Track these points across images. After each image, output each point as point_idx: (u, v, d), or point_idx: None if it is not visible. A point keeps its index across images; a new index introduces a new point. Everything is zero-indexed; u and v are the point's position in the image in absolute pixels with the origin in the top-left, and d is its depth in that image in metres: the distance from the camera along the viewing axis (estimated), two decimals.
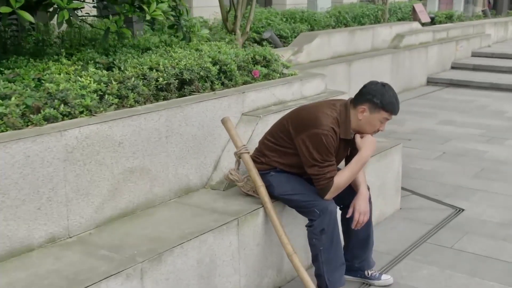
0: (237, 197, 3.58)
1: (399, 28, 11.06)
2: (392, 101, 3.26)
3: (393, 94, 3.28)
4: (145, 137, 3.31)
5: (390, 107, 3.26)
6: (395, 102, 3.27)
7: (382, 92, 3.26)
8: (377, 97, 3.25)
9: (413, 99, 9.79)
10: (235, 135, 3.52)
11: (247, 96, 4.01)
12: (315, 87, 4.66)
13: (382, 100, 3.24)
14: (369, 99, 3.28)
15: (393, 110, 3.27)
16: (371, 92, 3.28)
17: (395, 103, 3.27)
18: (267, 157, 3.48)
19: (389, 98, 3.25)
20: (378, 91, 3.27)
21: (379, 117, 3.28)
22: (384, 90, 3.27)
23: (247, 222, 3.33)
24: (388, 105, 3.25)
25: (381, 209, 4.66)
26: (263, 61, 4.64)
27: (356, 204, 3.41)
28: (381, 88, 3.28)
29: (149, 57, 3.96)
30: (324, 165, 3.25)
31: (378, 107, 3.25)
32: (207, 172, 3.76)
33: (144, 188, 3.36)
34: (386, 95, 3.25)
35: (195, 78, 3.89)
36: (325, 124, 3.24)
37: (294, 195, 3.41)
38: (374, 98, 3.26)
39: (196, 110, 3.61)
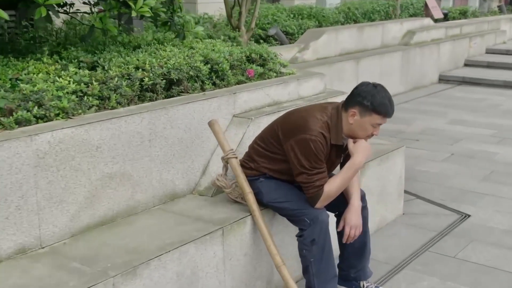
0: (225, 204, 3.39)
1: (410, 24, 10.79)
2: (384, 102, 3.04)
3: (386, 95, 3.07)
4: (125, 141, 3.13)
5: (381, 110, 3.04)
6: (387, 104, 3.05)
7: (373, 93, 3.05)
8: (367, 99, 3.04)
9: (423, 98, 9.54)
10: (222, 139, 3.33)
11: (239, 96, 3.82)
12: (313, 87, 4.46)
13: (373, 102, 3.03)
14: (359, 101, 3.07)
15: (386, 112, 3.06)
16: (361, 94, 3.07)
17: (388, 105, 3.06)
18: (256, 162, 3.29)
19: (380, 99, 3.04)
20: (368, 92, 3.06)
21: (370, 121, 3.07)
22: (375, 91, 3.05)
23: (233, 231, 3.15)
24: (380, 107, 3.04)
25: (382, 214, 4.45)
26: (259, 59, 4.45)
27: (347, 217, 3.21)
28: (372, 89, 3.07)
29: (136, 55, 3.78)
30: (313, 172, 3.05)
31: (368, 110, 3.04)
32: (194, 177, 3.58)
33: (125, 195, 3.18)
34: (377, 97, 3.04)
35: (184, 78, 3.71)
36: (313, 129, 3.04)
37: (283, 203, 3.22)
38: (364, 100, 3.05)
39: (182, 112, 3.43)
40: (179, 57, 3.85)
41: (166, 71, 3.65)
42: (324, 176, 3.09)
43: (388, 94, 3.09)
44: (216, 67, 3.95)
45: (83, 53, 3.81)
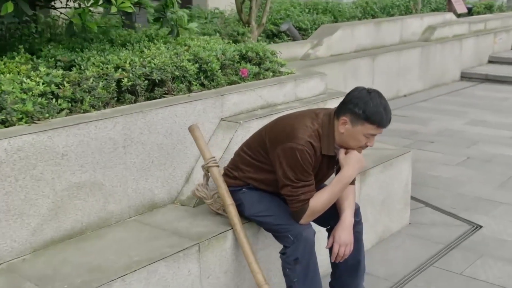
0: (206, 216, 3.14)
1: (431, 19, 10.39)
2: (378, 111, 2.74)
3: (381, 103, 2.76)
4: (96, 148, 2.89)
5: (375, 119, 2.74)
6: (382, 113, 2.75)
7: (366, 100, 2.75)
8: (359, 106, 2.75)
9: (443, 96, 9.16)
10: (203, 146, 3.08)
11: (227, 98, 3.55)
12: (312, 88, 4.17)
13: (365, 110, 2.74)
14: (350, 109, 2.78)
15: (380, 122, 2.76)
16: (352, 101, 2.78)
17: (383, 113, 2.75)
18: (241, 171, 3.03)
19: (374, 107, 2.74)
20: (361, 99, 2.76)
21: (363, 131, 2.77)
22: (369, 98, 2.76)
23: (211, 247, 2.89)
24: (373, 116, 2.74)
25: (385, 225, 4.15)
26: (256, 58, 4.17)
27: (337, 234, 2.92)
28: (365, 96, 2.77)
29: (117, 54, 3.54)
30: (298, 185, 2.78)
31: (360, 119, 2.75)
32: (176, 185, 3.33)
33: (96, 206, 2.95)
34: (371, 104, 2.74)
35: (168, 78, 3.45)
36: (300, 137, 2.77)
37: (265, 217, 2.95)
38: (356, 107, 2.76)
39: (162, 116, 3.18)
40: (165, 55, 3.60)
41: (148, 71, 3.40)
42: (311, 189, 2.81)
43: (383, 102, 2.79)
44: (204, 67, 3.69)
45: (64, 51, 3.59)
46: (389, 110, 2.79)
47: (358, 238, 3.11)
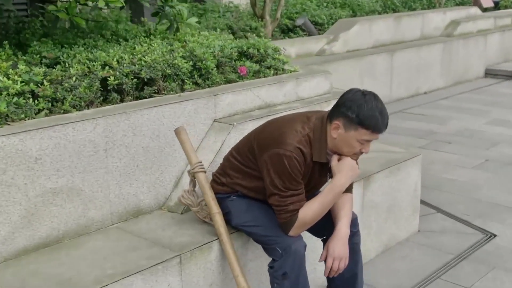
0: (193, 224, 2.96)
1: (454, 14, 10.05)
2: (373, 115, 2.52)
3: (376, 106, 2.54)
4: (74, 151, 2.73)
5: (369, 124, 2.52)
6: (377, 117, 2.53)
7: (360, 103, 2.53)
8: (352, 109, 2.53)
9: (465, 94, 8.83)
10: (189, 149, 2.89)
11: (221, 98, 3.36)
12: (315, 87, 3.95)
13: (359, 114, 2.52)
14: (343, 112, 2.56)
15: (375, 127, 2.54)
16: (346, 104, 2.57)
17: (378, 118, 2.53)
18: (229, 177, 2.84)
19: (368, 111, 2.52)
20: (354, 102, 2.54)
21: (356, 136, 2.56)
22: (363, 100, 2.54)
23: (194, 259, 2.71)
24: (367, 120, 2.52)
25: (391, 232, 3.92)
26: (257, 55, 3.97)
27: (330, 247, 2.71)
28: (359, 98, 2.55)
29: (107, 51, 3.37)
30: (286, 194, 2.57)
31: (354, 123, 2.54)
32: (164, 190, 3.15)
33: (74, 212, 2.78)
34: (365, 108, 2.52)
35: (158, 77, 3.27)
36: (289, 143, 2.56)
37: (253, 227, 2.76)
38: (349, 111, 2.54)
39: (148, 117, 3.00)
40: (157, 53, 3.41)
41: (138, 69, 3.22)
42: (300, 199, 2.61)
43: (380, 105, 2.56)
44: (199, 65, 3.50)
45: (51, 47, 3.43)
46: (386, 114, 2.57)
47: (355, 249, 2.91)
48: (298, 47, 7.52)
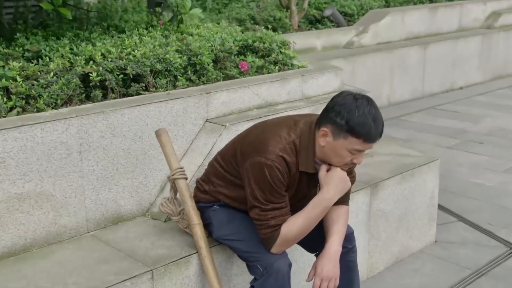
0: (175, 233, 2.73)
1: (496, 4, 9.52)
2: (365, 122, 2.23)
3: (369, 113, 2.24)
4: (43, 154, 2.52)
5: (360, 132, 2.23)
6: (369, 125, 2.24)
7: (350, 109, 2.24)
8: (341, 115, 2.25)
9: (504, 90, 8.35)
10: (169, 154, 2.65)
11: (214, 97, 3.11)
12: (323, 85, 3.66)
13: (348, 121, 2.23)
14: (331, 118, 2.28)
15: (367, 135, 2.25)
16: (335, 108, 2.28)
17: (371, 126, 2.24)
18: (212, 185, 2.59)
19: (360, 118, 2.23)
20: (345, 106, 2.25)
21: (346, 145, 2.27)
22: (355, 106, 2.24)
23: (169, 274, 2.47)
24: (358, 128, 2.23)
25: (403, 243, 3.62)
26: (263, 49, 3.70)
27: (318, 266, 2.44)
28: (350, 103, 2.26)
29: (94, 44, 3.15)
30: (267, 207, 2.31)
31: (343, 131, 2.25)
32: (149, 196, 2.93)
33: (44, 219, 2.58)
34: (355, 113, 2.23)
35: (146, 72, 3.04)
36: (271, 150, 2.30)
37: (234, 241, 2.51)
38: (338, 117, 2.25)
39: (129, 117, 2.78)
40: (148, 46, 3.18)
41: (124, 64, 3.00)
42: (283, 213, 2.34)
43: (373, 111, 2.26)
44: (194, 60, 3.25)
45: (40, 39, 3.24)
46: (380, 121, 2.27)
47: (350, 267, 2.63)
48: (325, 39, 7.21)
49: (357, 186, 3.27)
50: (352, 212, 3.18)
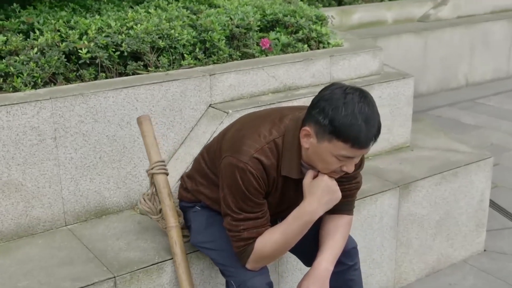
0: (157, 234, 2.43)
1: None
2: (353, 123, 1.79)
3: (361, 111, 1.80)
4: (9, 139, 2.29)
5: (347, 135, 1.80)
6: (359, 127, 1.79)
7: (336, 105, 1.81)
8: (325, 113, 1.83)
9: None
10: (150, 144, 2.34)
11: (220, 79, 2.76)
12: (357, 67, 3.21)
13: (333, 121, 1.81)
14: (313, 115, 1.87)
15: (355, 140, 1.81)
16: (319, 104, 1.86)
17: (361, 128, 1.79)
18: (194, 182, 2.27)
19: (346, 118, 1.79)
20: (330, 102, 1.83)
21: (331, 150, 1.85)
22: (342, 102, 1.81)
23: (137, 282, 2.19)
24: (344, 130, 1.80)
25: (442, 252, 3.15)
26: (294, 24, 3.30)
27: (302, 286, 2.07)
28: (337, 98, 1.83)
29: (99, 15, 2.89)
30: (239, 217, 1.96)
31: (326, 133, 1.83)
32: (139, 187, 2.65)
33: (13, 210, 2.36)
34: (342, 112, 1.80)
35: (145, 50, 2.74)
36: (244, 151, 1.93)
37: (209, 251, 2.19)
38: (321, 115, 1.84)
39: (114, 100, 2.49)
40: (153, 20, 2.87)
41: (120, 40, 2.71)
42: (257, 225, 1.98)
43: (366, 109, 1.82)
44: (204, 36, 2.91)
45: (46, 9, 3.02)
46: (375, 122, 1.83)
47: (350, 287, 2.24)
48: (397, 12, 6.61)
49: (383, 186, 2.84)
50: (375, 216, 2.78)
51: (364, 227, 2.79)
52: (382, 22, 6.49)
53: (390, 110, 3.21)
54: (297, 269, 2.60)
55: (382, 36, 5.73)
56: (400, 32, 5.99)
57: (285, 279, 2.59)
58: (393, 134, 3.26)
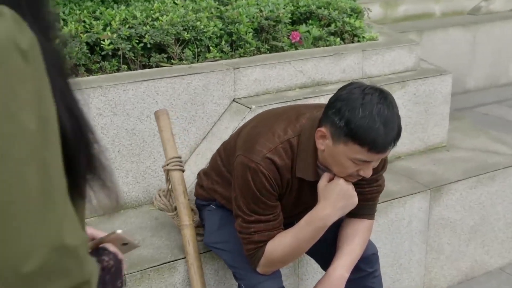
0: (172, 231, 2.38)
1: None
2: (370, 126, 1.68)
3: (379, 113, 1.68)
4: None
5: (364, 138, 1.69)
6: (378, 130, 1.68)
7: (353, 106, 1.70)
8: (341, 114, 1.72)
9: None
10: (167, 140, 2.28)
11: (244, 73, 2.68)
12: (392, 62, 3.07)
13: (349, 122, 1.70)
14: (329, 116, 1.76)
15: (372, 144, 1.69)
16: (335, 104, 1.75)
17: (379, 131, 1.68)
18: (210, 180, 2.19)
19: (364, 120, 1.68)
20: (348, 103, 1.71)
21: (347, 153, 1.74)
22: (360, 103, 1.69)
23: (147, 281, 2.14)
24: (361, 133, 1.69)
25: (476, 259, 3.01)
26: (327, 16, 3.18)
27: None
28: (355, 98, 1.71)
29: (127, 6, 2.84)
30: (250, 219, 1.88)
31: (342, 134, 1.73)
32: (159, 182, 2.60)
33: None
34: (359, 114, 1.68)
35: (168, 42, 2.68)
36: (257, 150, 1.84)
37: (222, 252, 2.12)
38: (337, 115, 1.73)
39: (133, 93, 2.44)
40: (179, 11, 2.81)
41: (143, 31, 2.66)
42: (268, 228, 1.89)
43: (386, 111, 1.70)
44: (230, 28, 2.83)
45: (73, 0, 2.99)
46: (394, 125, 1.71)
47: None
48: (445, 4, 6.37)
49: (413, 189, 2.72)
50: (403, 219, 2.66)
51: (391, 231, 2.67)
52: (429, 15, 6.27)
53: (425, 108, 3.06)
54: (318, 272, 2.49)
55: (428, 29, 5.52)
56: (447, 26, 5.77)
57: (305, 281, 2.50)
58: (428, 134, 3.12)
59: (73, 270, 0.79)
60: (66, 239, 0.77)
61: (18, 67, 0.75)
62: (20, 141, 0.75)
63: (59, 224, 0.77)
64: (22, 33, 0.76)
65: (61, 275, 0.77)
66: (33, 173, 0.75)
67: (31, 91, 0.76)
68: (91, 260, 0.86)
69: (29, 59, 0.76)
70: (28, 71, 0.76)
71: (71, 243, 0.78)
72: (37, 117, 0.76)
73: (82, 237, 0.82)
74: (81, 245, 0.81)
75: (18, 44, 0.75)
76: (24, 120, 0.75)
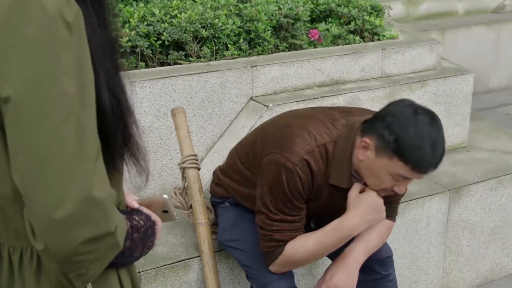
0: (188, 229, 2.38)
1: None
2: (420, 146, 1.69)
3: (430, 135, 1.70)
4: None
5: (411, 157, 1.69)
6: (426, 150, 1.69)
7: (405, 124, 1.70)
8: (392, 129, 1.71)
9: None
10: (183, 137, 2.28)
11: (262, 71, 2.67)
12: (412, 61, 3.03)
13: (399, 139, 1.70)
14: (378, 129, 1.75)
15: (418, 163, 1.70)
16: (386, 118, 1.75)
17: (426, 152, 1.69)
18: (227, 177, 2.19)
19: (414, 138, 1.69)
20: (399, 119, 1.72)
21: (389, 168, 1.74)
22: (413, 122, 1.70)
23: (162, 278, 2.14)
24: (409, 151, 1.69)
25: (496, 262, 2.96)
26: (347, 14, 3.16)
27: (328, 273, 1.97)
28: (407, 116, 1.71)
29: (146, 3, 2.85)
30: (275, 218, 1.87)
31: (389, 149, 1.72)
32: (175, 180, 2.59)
33: None
34: (410, 132, 1.69)
35: (186, 39, 2.67)
36: (295, 150, 1.82)
37: (235, 250, 2.11)
38: (387, 130, 1.72)
39: (151, 91, 2.44)
40: (197, 9, 2.80)
41: (162, 29, 2.66)
42: (292, 228, 1.88)
43: (435, 134, 1.71)
44: (249, 26, 2.82)
45: None
46: (441, 148, 1.73)
47: None
48: (469, 2, 6.28)
49: (432, 190, 2.68)
50: (422, 220, 2.63)
51: (409, 232, 2.64)
52: (452, 13, 6.19)
53: (446, 108, 3.02)
54: None
55: (450, 28, 5.46)
56: (470, 24, 5.69)
57: None
58: (448, 134, 3.06)
59: (99, 221, 0.87)
60: (95, 191, 0.86)
61: (63, 37, 0.84)
62: (60, 103, 0.84)
63: (90, 178, 0.86)
64: (69, 6, 0.85)
65: (88, 223, 0.86)
66: (70, 132, 0.85)
67: (73, 59, 0.85)
68: (118, 214, 0.96)
69: (73, 30, 0.85)
70: (72, 41, 0.85)
71: (99, 195, 0.87)
72: (77, 82, 0.85)
73: (110, 191, 0.91)
74: (107, 199, 0.89)
75: (64, 17, 0.84)
76: (65, 84, 0.84)
